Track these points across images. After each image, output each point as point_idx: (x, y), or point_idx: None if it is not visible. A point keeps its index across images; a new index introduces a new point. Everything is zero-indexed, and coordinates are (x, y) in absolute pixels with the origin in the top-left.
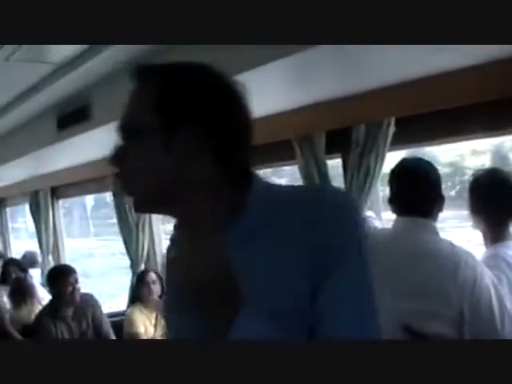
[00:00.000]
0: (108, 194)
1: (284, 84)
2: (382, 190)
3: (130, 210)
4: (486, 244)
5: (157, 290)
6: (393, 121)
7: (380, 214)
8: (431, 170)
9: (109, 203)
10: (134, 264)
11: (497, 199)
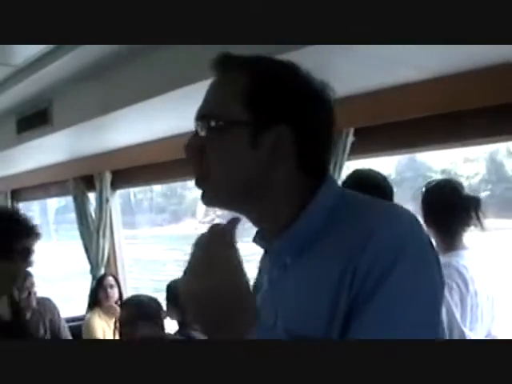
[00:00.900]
0: (69, 198)
1: None
2: None
3: (90, 215)
4: (438, 253)
5: (114, 294)
6: (352, 131)
7: None
8: (382, 181)
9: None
10: (93, 268)
11: (447, 211)
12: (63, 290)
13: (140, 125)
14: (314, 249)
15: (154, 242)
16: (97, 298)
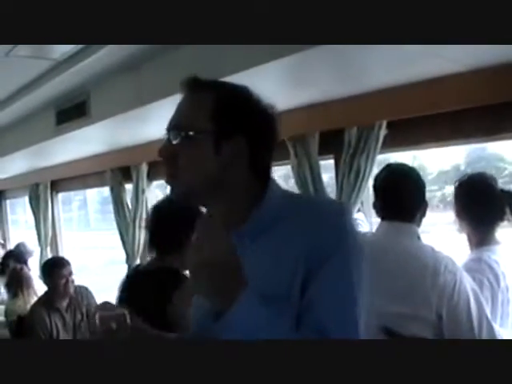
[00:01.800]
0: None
1: (279, 85)
2: None
3: (126, 205)
4: (470, 247)
5: None
6: (384, 124)
7: (370, 215)
8: (415, 176)
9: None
10: (129, 258)
11: (481, 204)
12: (100, 279)
13: None
14: (273, 231)
15: None
16: None
